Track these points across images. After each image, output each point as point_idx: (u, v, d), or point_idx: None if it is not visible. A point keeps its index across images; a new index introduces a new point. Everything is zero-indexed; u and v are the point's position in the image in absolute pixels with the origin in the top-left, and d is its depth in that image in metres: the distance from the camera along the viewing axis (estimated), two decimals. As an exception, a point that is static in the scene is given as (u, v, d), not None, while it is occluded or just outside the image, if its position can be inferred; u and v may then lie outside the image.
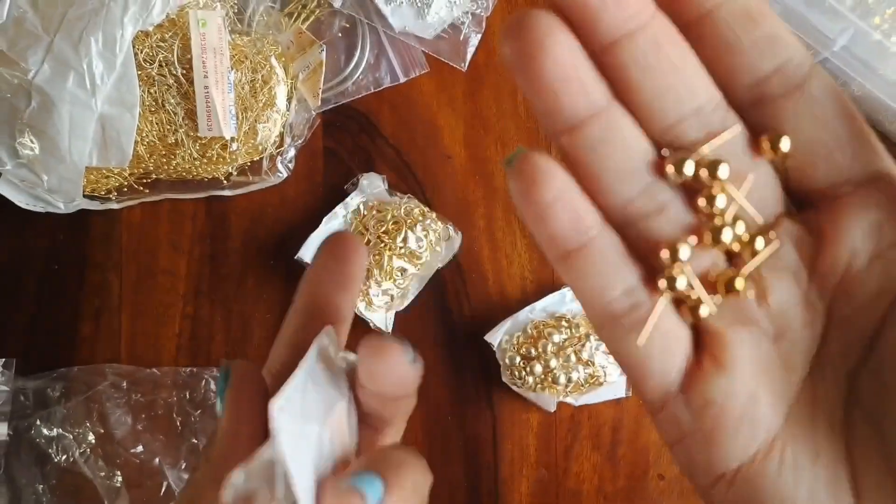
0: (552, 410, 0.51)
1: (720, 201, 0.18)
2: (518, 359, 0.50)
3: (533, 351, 0.49)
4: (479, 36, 0.54)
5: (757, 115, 0.19)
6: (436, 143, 0.54)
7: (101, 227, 0.53)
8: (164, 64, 0.49)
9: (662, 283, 0.18)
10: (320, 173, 0.54)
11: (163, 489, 0.49)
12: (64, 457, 0.49)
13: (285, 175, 0.53)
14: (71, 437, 0.49)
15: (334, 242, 0.26)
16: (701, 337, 0.19)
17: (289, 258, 0.52)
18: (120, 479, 0.49)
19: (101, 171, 0.50)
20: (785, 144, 0.18)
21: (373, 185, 0.52)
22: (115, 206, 0.52)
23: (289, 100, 0.52)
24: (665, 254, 0.18)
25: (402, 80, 0.54)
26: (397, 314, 0.52)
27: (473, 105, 0.54)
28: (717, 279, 0.19)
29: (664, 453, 0.52)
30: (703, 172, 0.18)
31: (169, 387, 0.50)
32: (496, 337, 0.51)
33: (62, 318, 0.53)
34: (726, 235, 0.18)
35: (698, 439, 0.19)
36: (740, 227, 0.18)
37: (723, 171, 0.18)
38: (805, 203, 0.19)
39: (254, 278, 0.53)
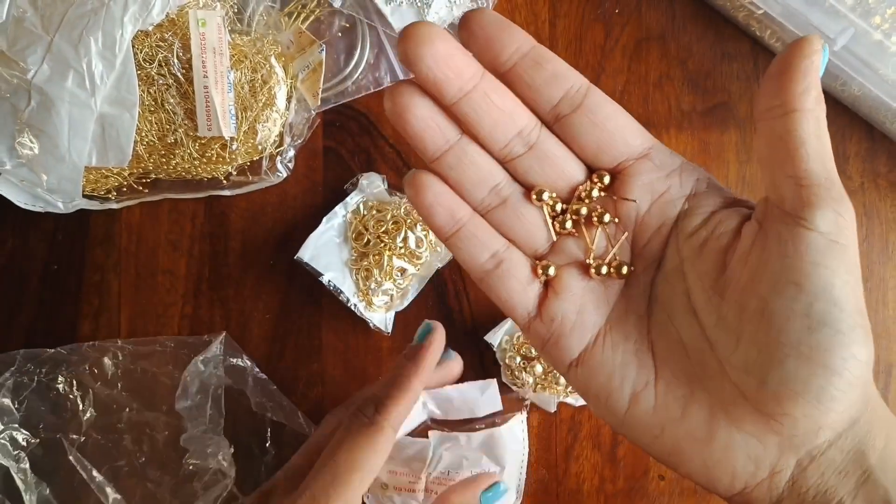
0: (552, 411, 0.51)
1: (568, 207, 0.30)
2: (518, 359, 0.50)
3: (533, 351, 0.49)
4: (479, 35, 0.54)
5: (559, 128, 0.28)
6: (436, 143, 0.54)
7: (100, 227, 0.53)
8: (163, 63, 0.49)
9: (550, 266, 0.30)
10: (320, 173, 0.54)
11: (65, 467, 0.48)
12: None
13: (285, 175, 0.53)
14: None
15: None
16: (549, 281, 0.30)
17: (288, 258, 0.52)
18: (27, 462, 0.47)
19: (100, 170, 0.50)
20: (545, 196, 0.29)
21: (373, 184, 0.52)
22: (114, 206, 0.52)
23: (288, 99, 0.52)
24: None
25: (402, 79, 0.54)
26: (397, 314, 0.52)
27: (473, 105, 0.54)
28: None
29: (664, 453, 0.52)
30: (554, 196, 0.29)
31: (73, 363, 0.49)
32: (496, 337, 0.51)
33: (62, 318, 0.53)
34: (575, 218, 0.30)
35: (552, 342, 0.29)
36: (584, 210, 0.29)
37: (546, 196, 0.29)
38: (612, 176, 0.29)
39: (253, 278, 0.53)
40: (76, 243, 0.53)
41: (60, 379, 0.50)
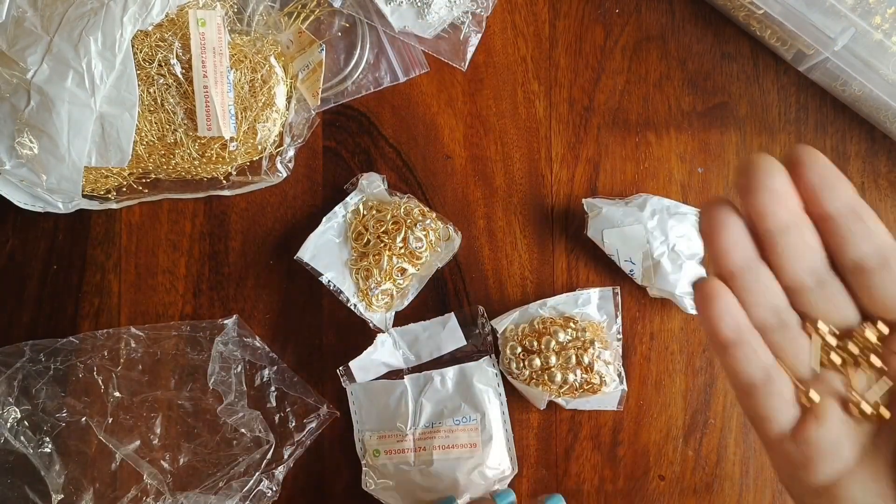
0: (542, 408, 0.51)
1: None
2: (519, 349, 0.50)
3: (535, 344, 0.49)
4: (479, 36, 0.54)
5: (854, 276, 0.30)
6: (436, 143, 0.54)
7: (100, 227, 0.53)
8: (163, 63, 0.49)
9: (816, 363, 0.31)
10: (320, 173, 0.54)
11: (94, 447, 0.50)
12: None
13: (285, 175, 0.53)
14: None
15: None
16: (810, 407, 0.31)
17: (288, 258, 0.52)
18: (51, 445, 0.50)
19: (100, 170, 0.50)
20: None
21: (372, 184, 0.52)
22: (114, 205, 0.52)
23: (288, 99, 0.52)
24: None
25: (402, 79, 0.54)
26: (397, 314, 0.52)
27: (473, 105, 0.54)
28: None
29: (664, 454, 0.52)
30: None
31: (88, 351, 0.51)
32: (502, 324, 0.51)
33: (62, 319, 0.53)
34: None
35: (800, 465, 0.30)
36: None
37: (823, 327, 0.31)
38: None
39: (253, 278, 0.53)
40: (76, 243, 0.53)
41: (80, 365, 0.51)
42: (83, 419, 0.50)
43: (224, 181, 0.52)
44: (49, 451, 0.49)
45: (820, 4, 0.47)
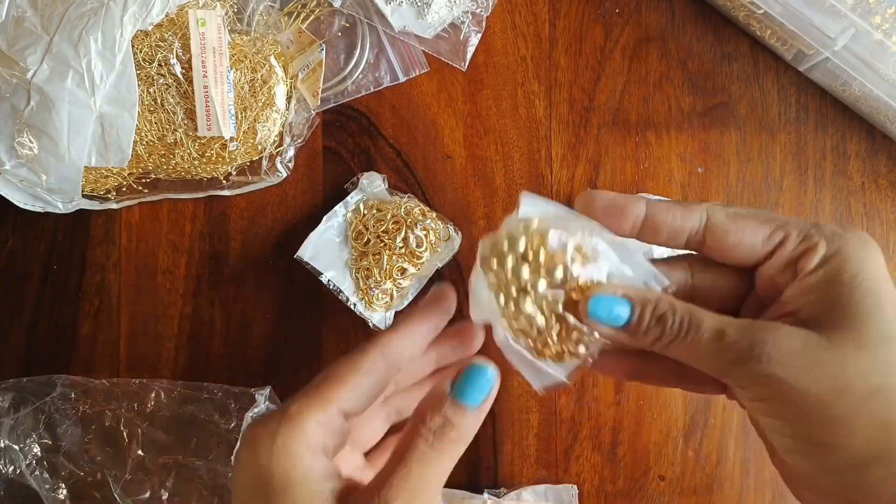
0: (566, 380, 0.45)
1: None
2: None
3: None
4: (479, 36, 0.54)
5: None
6: (436, 143, 0.54)
7: (100, 227, 0.53)
8: (163, 63, 0.49)
9: None
10: (320, 173, 0.54)
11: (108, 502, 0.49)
12: (11, 468, 0.48)
13: (285, 175, 0.53)
14: (17, 448, 0.49)
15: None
16: None
17: (288, 258, 0.52)
18: (65, 491, 0.49)
19: (100, 170, 0.50)
20: None
21: (373, 183, 0.52)
22: (114, 206, 0.52)
23: (288, 99, 0.52)
24: None
25: (402, 79, 0.54)
26: (397, 313, 0.52)
27: (473, 105, 0.54)
28: None
29: (664, 454, 0.52)
30: None
31: (119, 398, 0.50)
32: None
33: (62, 319, 0.53)
34: None
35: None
36: None
37: None
38: None
39: (253, 278, 0.53)
40: (76, 243, 0.53)
41: (108, 413, 0.50)
42: (102, 471, 0.49)
43: (224, 181, 0.52)
44: (63, 497, 0.49)
45: (820, 4, 0.47)
